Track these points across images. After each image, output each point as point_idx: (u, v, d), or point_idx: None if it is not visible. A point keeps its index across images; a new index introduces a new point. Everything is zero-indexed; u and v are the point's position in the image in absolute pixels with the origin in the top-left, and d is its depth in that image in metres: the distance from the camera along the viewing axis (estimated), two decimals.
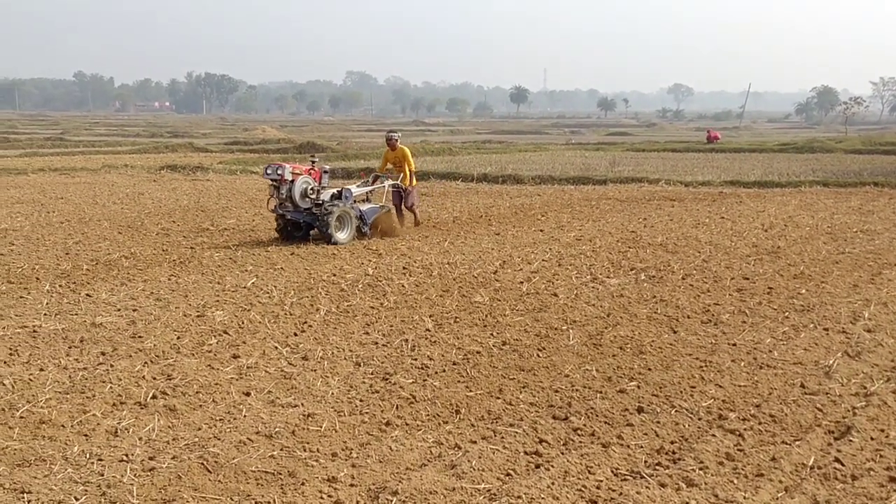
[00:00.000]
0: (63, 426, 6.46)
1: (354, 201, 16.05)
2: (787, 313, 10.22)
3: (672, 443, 6.29)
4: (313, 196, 15.40)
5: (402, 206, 17.46)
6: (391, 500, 5.28)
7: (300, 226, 15.64)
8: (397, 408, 6.97)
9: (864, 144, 50.60)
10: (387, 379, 7.69)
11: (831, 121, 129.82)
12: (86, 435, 6.30)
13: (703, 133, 67.67)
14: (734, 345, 8.85)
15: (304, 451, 6.07)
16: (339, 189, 15.89)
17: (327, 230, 14.99)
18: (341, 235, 15.27)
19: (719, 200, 23.08)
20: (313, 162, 16.02)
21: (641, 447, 6.19)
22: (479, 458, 5.95)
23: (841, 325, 9.71)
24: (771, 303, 10.76)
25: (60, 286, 11.48)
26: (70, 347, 8.55)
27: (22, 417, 6.61)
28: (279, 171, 15.19)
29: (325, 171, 15.97)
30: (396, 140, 17.70)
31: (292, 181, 15.16)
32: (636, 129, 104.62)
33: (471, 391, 7.38)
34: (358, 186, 16.70)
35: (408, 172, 17.35)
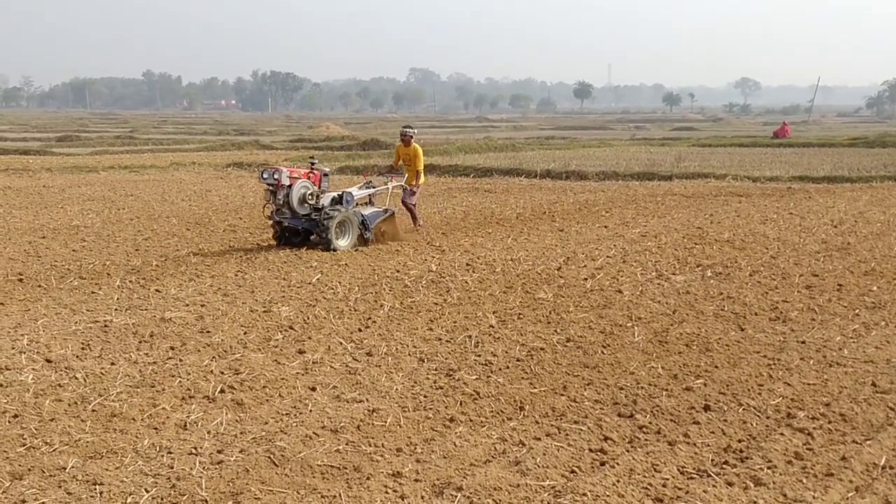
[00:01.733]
0: (133, 419, 6.57)
1: (356, 204, 15.10)
2: (857, 310, 10.05)
3: (739, 441, 6.22)
4: (312, 201, 14.44)
5: (407, 207, 16.86)
6: (456, 496, 5.29)
7: (298, 231, 14.68)
8: (461, 404, 6.99)
9: None
10: (451, 375, 7.71)
11: None
12: (156, 428, 6.41)
13: (773, 128, 66.40)
14: (803, 342, 8.73)
15: (369, 445, 6.10)
16: (340, 193, 14.82)
17: (327, 237, 14.05)
18: (342, 242, 14.33)
19: (787, 196, 22.78)
20: (312, 164, 15.01)
21: (708, 445, 6.13)
22: (544, 455, 5.94)
23: None
24: (841, 300, 10.59)
25: (131, 282, 11.69)
26: (140, 342, 8.70)
27: (94, 411, 6.74)
28: (276, 176, 14.20)
29: (325, 175, 15.05)
30: (411, 137, 16.99)
31: (290, 186, 14.19)
32: (702, 124, 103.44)
33: (535, 388, 7.37)
34: (360, 189, 15.65)
35: (415, 172, 16.65)
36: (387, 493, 5.37)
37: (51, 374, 7.61)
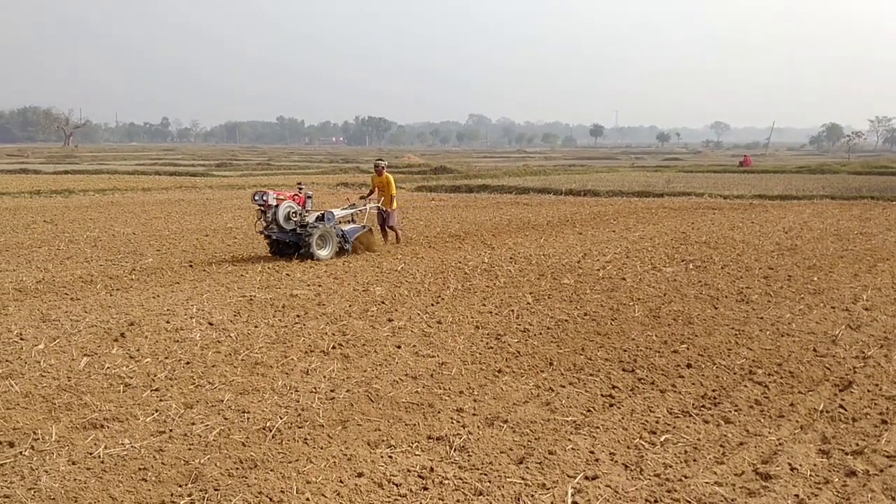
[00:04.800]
0: (271, 366, 6.68)
1: (339, 222, 13.63)
2: (802, 295, 9.83)
3: (713, 391, 6.13)
4: (297, 219, 12.93)
5: (385, 226, 14.90)
6: (503, 427, 5.29)
7: (289, 244, 12.96)
8: (506, 360, 6.98)
9: (863, 167, 48.56)
10: (498, 338, 7.70)
11: (837, 149, 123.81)
12: (287, 373, 6.51)
13: (739, 159, 65.13)
14: (761, 318, 8.56)
15: (440, 389, 6.13)
16: (322, 212, 13.45)
17: (309, 248, 12.60)
18: (322, 252, 12.81)
19: (750, 209, 22.32)
20: (300, 188, 13.38)
21: (690, 393, 6.05)
22: (568, 398, 5.91)
23: (844, 304, 9.29)
24: (790, 287, 10.36)
25: (268, 268, 11.84)
26: (275, 311, 8.83)
27: (242, 360, 6.86)
28: (264, 198, 12.74)
29: (309, 197, 13.30)
30: (383, 168, 15.02)
31: (276, 206, 12.73)
32: (686, 155, 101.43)
33: (561, 349, 7.33)
34: (342, 209, 14.10)
35: (390, 197, 14.68)
36: (452, 423, 5.39)
37: (212, 333, 7.77)
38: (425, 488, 4.39)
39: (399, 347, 7.33)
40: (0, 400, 5.73)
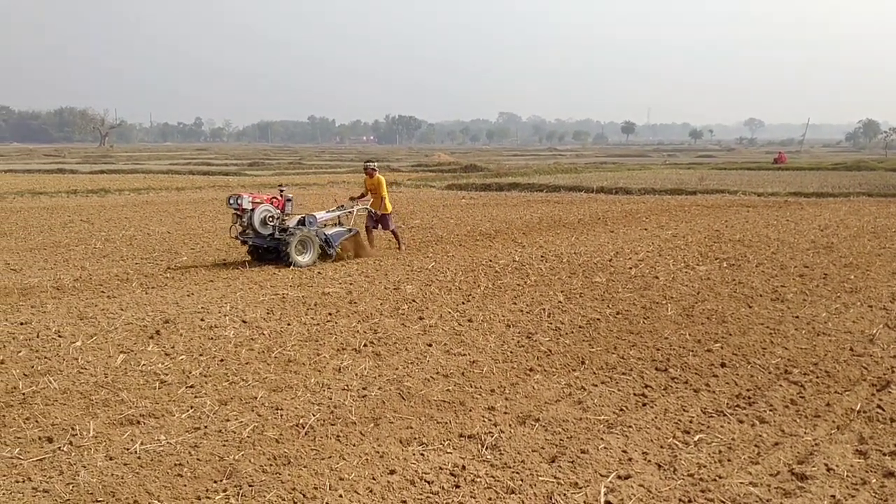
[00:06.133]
0: (303, 364, 6.73)
1: (323, 226, 13.01)
2: (838, 294, 9.68)
3: (748, 390, 6.06)
4: (273, 223, 12.23)
5: (379, 229, 14.30)
6: (534, 425, 5.28)
7: (270, 250, 12.31)
8: (538, 358, 6.96)
9: None
10: (530, 337, 7.68)
11: (874, 146, 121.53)
12: (319, 371, 6.55)
13: (773, 156, 64.22)
14: (797, 317, 8.44)
15: (471, 387, 6.13)
16: (304, 216, 12.75)
17: (287, 254, 11.94)
18: (302, 258, 12.13)
19: (785, 207, 22.01)
20: (281, 191, 12.81)
21: (724, 392, 5.99)
22: (600, 396, 5.88)
23: (882, 303, 9.13)
24: (826, 285, 10.20)
25: (301, 267, 11.91)
26: (308, 309, 8.89)
27: (275, 357, 6.92)
28: (239, 201, 12.14)
29: (289, 200, 12.74)
30: (374, 170, 14.33)
31: (252, 210, 12.08)
32: (719, 153, 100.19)
33: (593, 348, 7.29)
34: (327, 212, 13.47)
35: (380, 199, 14.12)
36: (484, 421, 5.39)
37: (246, 331, 7.84)
38: (457, 486, 4.39)
39: (430, 345, 7.34)
40: (39, 396, 5.84)
